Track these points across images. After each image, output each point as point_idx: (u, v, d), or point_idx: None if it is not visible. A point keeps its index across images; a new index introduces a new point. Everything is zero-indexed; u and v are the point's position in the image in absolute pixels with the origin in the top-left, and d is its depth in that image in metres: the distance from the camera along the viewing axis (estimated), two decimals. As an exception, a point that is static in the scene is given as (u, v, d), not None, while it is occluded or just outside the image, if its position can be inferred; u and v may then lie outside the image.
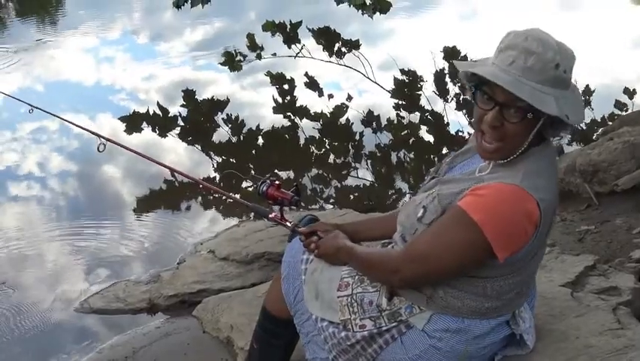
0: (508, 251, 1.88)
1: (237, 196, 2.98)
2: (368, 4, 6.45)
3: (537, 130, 1.87)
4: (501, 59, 1.86)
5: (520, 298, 2.09)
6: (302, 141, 6.56)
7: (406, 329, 2.09)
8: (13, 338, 3.70)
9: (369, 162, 6.06)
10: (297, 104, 7.31)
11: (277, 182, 2.56)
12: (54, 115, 3.67)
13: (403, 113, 7.01)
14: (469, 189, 1.91)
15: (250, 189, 5.41)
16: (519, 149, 1.90)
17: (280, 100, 7.43)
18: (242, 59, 8.04)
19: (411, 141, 6.47)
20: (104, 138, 3.03)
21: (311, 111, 7.06)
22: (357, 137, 6.54)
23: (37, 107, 3.63)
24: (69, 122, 3.67)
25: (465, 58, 7.54)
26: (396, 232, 2.18)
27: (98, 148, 2.98)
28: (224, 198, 5.30)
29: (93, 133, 3.18)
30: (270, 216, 2.54)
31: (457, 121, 6.75)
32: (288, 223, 2.49)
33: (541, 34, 1.86)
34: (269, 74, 7.87)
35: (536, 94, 1.80)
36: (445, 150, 6.08)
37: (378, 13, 7.07)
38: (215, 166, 6.10)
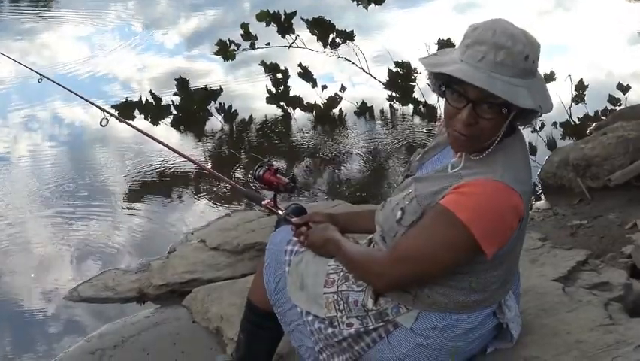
0: (495, 247, 1.88)
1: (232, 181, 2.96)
2: (363, -5, 6.40)
3: (509, 122, 1.86)
4: (469, 55, 1.83)
5: (505, 287, 2.08)
6: (295, 132, 6.54)
7: (393, 328, 2.07)
8: (0, 325, 3.69)
9: (361, 153, 6.04)
10: (291, 95, 7.28)
11: (274, 167, 2.53)
12: (62, 86, 3.60)
13: (397, 105, 7.00)
14: (450, 188, 1.89)
15: (239, 173, 5.42)
16: (492, 141, 1.89)
17: (273, 90, 7.39)
18: (235, 48, 7.97)
19: (404, 132, 6.45)
20: (108, 112, 3.05)
21: (304, 102, 7.03)
22: (350, 128, 6.52)
23: (46, 77, 3.59)
24: (76, 94, 3.56)
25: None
26: (376, 232, 2.16)
27: (100, 122, 3.02)
28: (215, 187, 5.29)
29: (98, 107, 3.23)
30: (263, 202, 2.52)
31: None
32: (280, 211, 2.46)
33: (508, 25, 1.84)
34: (263, 63, 7.83)
35: (509, 88, 1.79)
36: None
37: (373, 5, 7.02)
38: (206, 155, 6.07)
